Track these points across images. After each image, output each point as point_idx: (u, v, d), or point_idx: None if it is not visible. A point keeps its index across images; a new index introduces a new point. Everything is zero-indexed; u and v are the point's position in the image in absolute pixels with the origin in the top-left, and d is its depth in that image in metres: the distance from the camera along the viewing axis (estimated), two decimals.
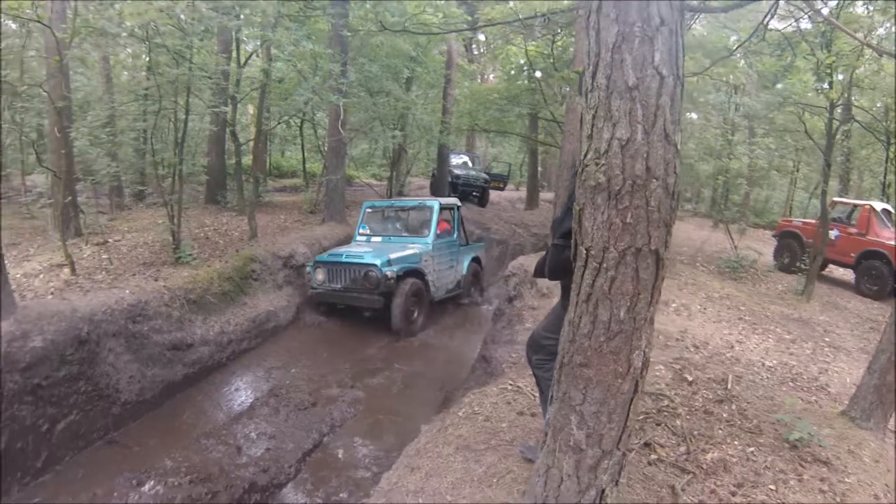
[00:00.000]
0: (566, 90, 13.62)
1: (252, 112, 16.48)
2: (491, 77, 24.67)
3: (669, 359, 4.89)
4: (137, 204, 11.24)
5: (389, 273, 7.73)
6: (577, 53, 8.12)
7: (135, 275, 6.83)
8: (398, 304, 7.87)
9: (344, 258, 8.12)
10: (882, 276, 9.65)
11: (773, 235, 12.61)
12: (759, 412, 3.88)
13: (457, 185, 16.18)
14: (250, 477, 4.53)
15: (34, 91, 9.00)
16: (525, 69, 16.26)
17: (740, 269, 10.09)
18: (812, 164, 17.38)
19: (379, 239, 9.29)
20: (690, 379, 4.46)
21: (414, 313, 8.26)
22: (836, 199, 11.99)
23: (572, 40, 11.30)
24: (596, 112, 1.95)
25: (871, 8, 8.73)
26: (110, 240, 8.05)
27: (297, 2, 9.79)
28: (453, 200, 10.20)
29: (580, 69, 2.09)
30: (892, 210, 10.56)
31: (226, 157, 12.34)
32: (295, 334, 7.99)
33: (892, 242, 9.68)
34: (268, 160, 17.31)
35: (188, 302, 6.60)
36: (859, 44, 7.06)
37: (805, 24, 9.13)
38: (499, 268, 11.91)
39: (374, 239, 9.35)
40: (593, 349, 2.10)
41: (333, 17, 9.72)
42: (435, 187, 16.18)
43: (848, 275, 11.02)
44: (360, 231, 9.63)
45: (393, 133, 12.88)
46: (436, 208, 9.19)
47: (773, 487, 2.94)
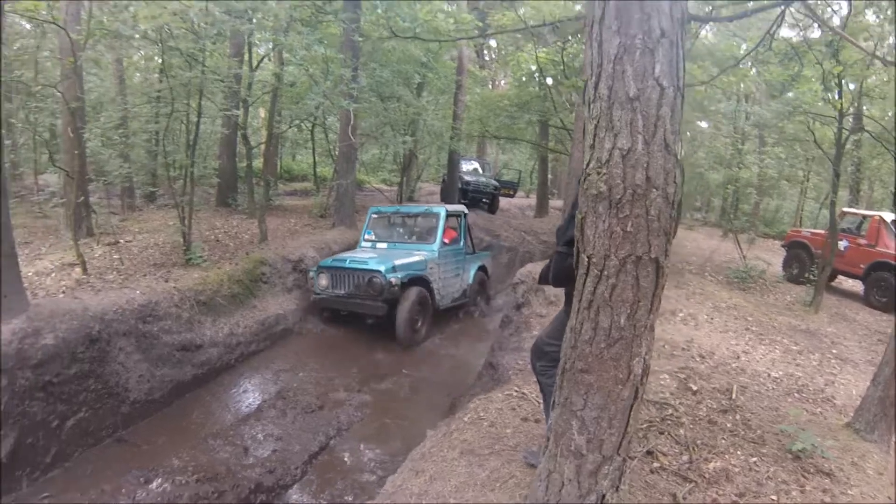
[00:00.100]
0: (575, 98, 13.65)
1: (263, 115, 16.58)
2: (502, 83, 24.64)
3: (675, 368, 4.88)
4: (148, 205, 11.33)
5: (394, 280, 7.62)
6: (587, 61, 8.15)
7: (145, 275, 6.88)
8: (402, 312, 7.75)
9: (348, 264, 8.00)
10: (891, 288, 9.53)
11: (782, 245, 12.54)
12: (764, 423, 3.87)
13: (467, 192, 16.18)
14: (257, 477, 4.57)
15: (48, 91, 9.15)
16: (536, 76, 16.30)
17: (749, 280, 10.01)
18: (822, 173, 17.29)
19: (384, 245, 9.19)
20: (695, 388, 4.46)
21: (418, 322, 8.11)
22: (845, 209, 11.92)
23: (583, 47, 11.32)
24: (598, 122, 1.99)
25: (880, 17, 8.70)
26: (121, 240, 8.09)
27: (308, 6, 9.87)
28: (460, 207, 10.10)
29: (587, 78, 2.13)
30: None
31: (237, 159, 12.41)
32: (303, 337, 8.00)
33: None
34: (278, 164, 17.41)
35: (198, 303, 6.66)
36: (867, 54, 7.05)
37: (815, 34, 9.11)
38: (507, 275, 11.85)
39: (379, 245, 9.24)
40: (594, 355, 2.12)
41: (345, 21, 9.75)
42: (445, 193, 16.17)
43: (857, 286, 10.89)
44: (366, 237, 9.52)
45: (403, 138, 12.91)
46: (442, 215, 9.11)
47: (774, 498, 2.94)
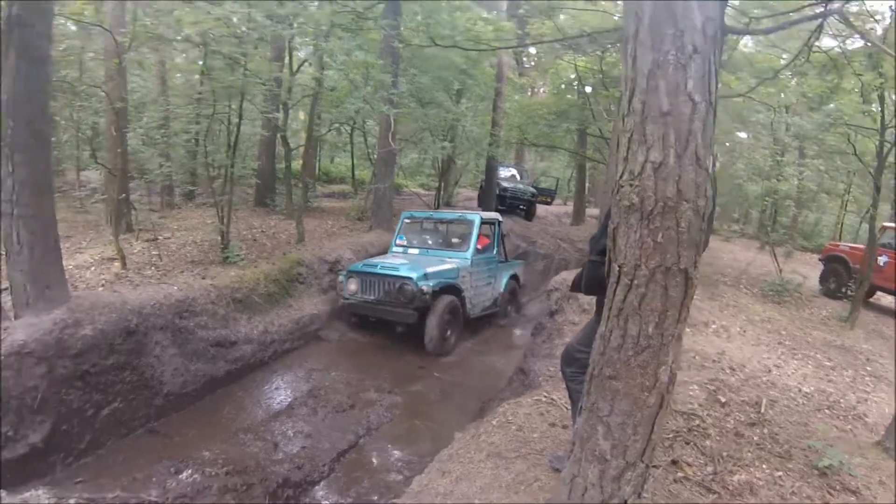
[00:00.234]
0: (613, 107, 13.60)
1: (303, 118, 16.81)
2: (541, 90, 24.62)
3: (704, 379, 4.85)
4: (187, 203, 11.55)
5: (425, 288, 7.44)
6: (622, 76, 8.12)
7: (183, 272, 7.04)
8: (432, 321, 7.58)
9: (378, 269, 7.85)
10: None
11: (820, 259, 12.27)
12: (791, 437, 3.83)
13: (504, 198, 16.20)
14: (285, 473, 4.64)
15: (92, 91, 9.45)
16: (574, 84, 16.27)
17: (784, 293, 9.82)
18: (864, 187, 16.82)
19: (416, 251, 9.01)
20: (724, 400, 4.42)
21: (448, 331, 7.91)
22: (886, 224, 11.60)
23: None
24: (631, 135, 2.03)
25: None
26: (160, 237, 8.23)
27: (349, 12, 10.02)
28: (494, 215, 9.95)
29: (621, 92, 2.18)
30: None
31: (276, 161, 12.62)
32: (334, 339, 8.06)
33: None
34: (317, 166, 17.64)
35: (234, 301, 6.79)
36: None
37: (857, 43, 8.92)
38: (543, 282, 11.79)
39: (410, 250, 9.06)
40: (622, 362, 2.16)
41: (385, 28, 9.83)
42: (483, 199, 16.23)
43: None
44: (398, 241, 9.34)
45: (442, 144, 12.98)
46: (476, 222, 8.92)
47: None
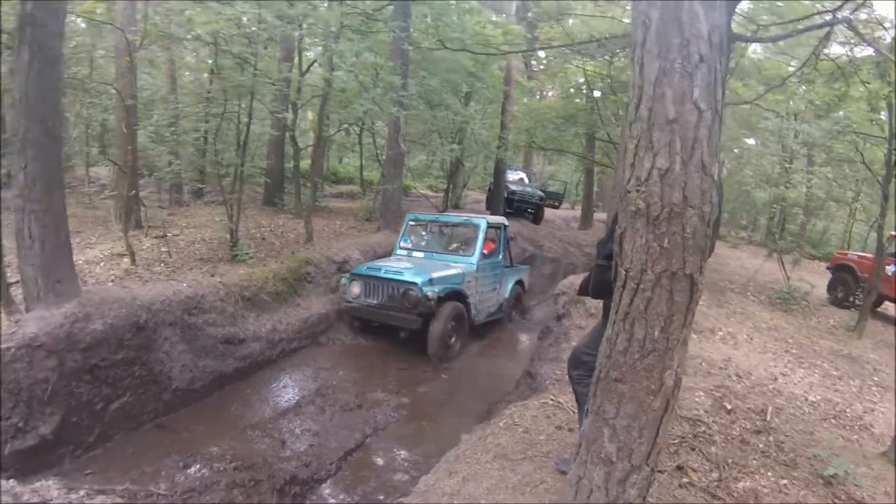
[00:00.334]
0: (621, 113, 13.60)
1: (312, 118, 16.88)
2: (550, 94, 24.61)
3: (711, 386, 4.85)
4: (195, 201, 11.65)
5: (430, 293, 7.26)
6: (629, 83, 8.15)
7: (192, 269, 7.09)
8: (436, 327, 7.43)
9: (383, 273, 7.67)
10: None
11: (827, 268, 12.21)
12: (797, 446, 3.84)
13: (512, 201, 16.19)
14: (292, 470, 4.67)
15: (102, 88, 9.54)
16: (583, 88, 16.28)
17: (791, 301, 9.78)
18: (872, 195, 16.76)
19: (421, 254, 8.80)
20: (730, 407, 4.43)
21: (452, 338, 7.78)
22: (894, 233, 11.56)
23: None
24: (638, 142, 2.06)
25: None
26: (169, 234, 8.28)
27: (359, 14, 10.07)
28: (501, 219, 9.83)
29: (628, 99, 2.21)
30: None
31: (285, 160, 12.69)
32: (343, 339, 8.06)
33: None
34: (325, 166, 17.68)
35: (243, 299, 6.83)
36: None
37: (867, 51, 8.90)
38: (550, 286, 11.77)
39: (415, 254, 8.86)
40: (628, 365, 2.18)
41: (395, 30, 9.86)
42: (491, 202, 16.23)
43: None
44: (402, 244, 9.13)
45: (451, 146, 13.03)
46: (483, 227, 8.70)
47: None
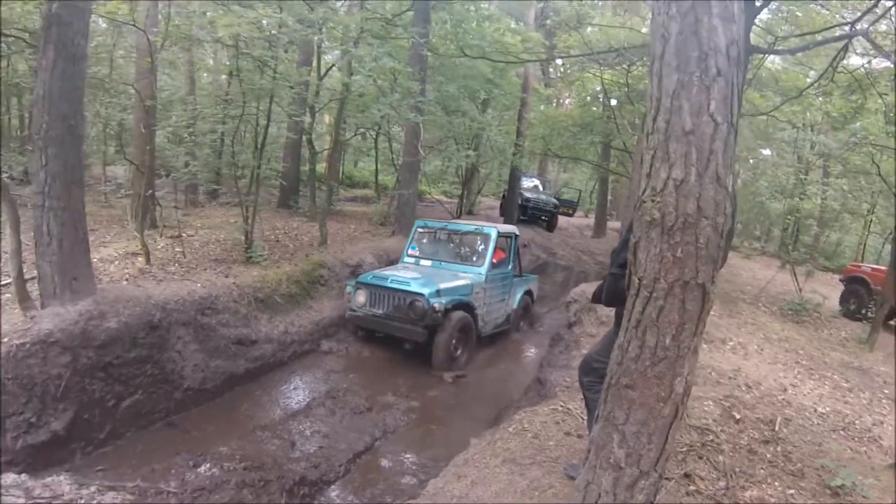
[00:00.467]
0: (637, 122, 13.62)
1: (329, 121, 16.97)
2: (566, 102, 24.67)
3: (720, 395, 4.85)
4: (210, 202, 11.77)
5: (437, 305, 7.02)
6: (647, 94, 8.15)
7: (206, 269, 7.15)
8: (442, 340, 7.19)
9: (389, 283, 7.43)
10: None
11: (840, 280, 12.13)
12: (805, 456, 3.83)
13: (526, 208, 16.20)
14: (301, 471, 4.68)
15: (121, 87, 9.65)
16: (600, 97, 16.31)
17: (803, 313, 9.72)
18: (888, 208, 16.64)
19: (428, 263, 8.52)
20: (738, 417, 4.43)
21: (458, 350, 7.52)
22: None
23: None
24: (655, 153, 2.09)
25: None
26: (184, 234, 8.34)
27: (379, 19, 10.14)
28: (511, 228, 9.53)
29: (646, 111, 2.25)
30: None
31: (300, 163, 12.78)
32: (355, 341, 8.01)
33: None
34: (341, 170, 17.80)
35: (256, 300, 6.88)
36: None
37: (884, 63, 8.88)
38: (562, 293, 11.68)
39: (423, 262, 8.58)
40: (639, 372, 2.21)
41: (414, 35, 9.88)
42: (505, 209, 16.23)
43: None
44: (409, 251, 8.83)
45: (466, 152, 13.14)
46: (493, 236, 8.43)
47: None
